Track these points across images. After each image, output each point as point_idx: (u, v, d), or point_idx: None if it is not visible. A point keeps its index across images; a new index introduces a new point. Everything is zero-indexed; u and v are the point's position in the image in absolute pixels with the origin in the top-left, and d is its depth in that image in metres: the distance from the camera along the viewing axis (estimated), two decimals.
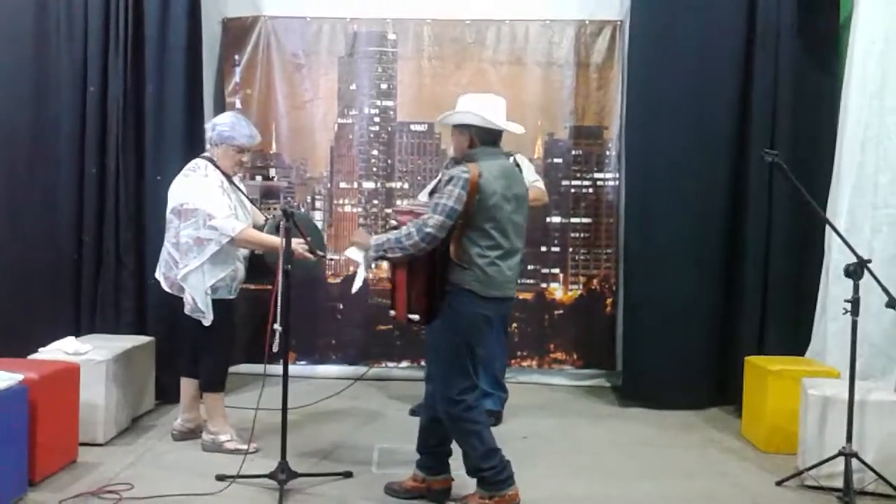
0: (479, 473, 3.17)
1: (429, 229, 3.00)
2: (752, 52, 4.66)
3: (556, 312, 5.36)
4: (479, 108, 3.17)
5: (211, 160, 3.83)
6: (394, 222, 3.36)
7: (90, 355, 3.91)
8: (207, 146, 3.88)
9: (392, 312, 3.23)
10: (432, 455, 3.34)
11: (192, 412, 4.03)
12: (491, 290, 3.11)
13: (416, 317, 3.11)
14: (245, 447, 3.61)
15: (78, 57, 4.56)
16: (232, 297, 3.87)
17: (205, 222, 3.67)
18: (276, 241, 3.48)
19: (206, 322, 3.75)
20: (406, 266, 3.10)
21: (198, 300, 3.73)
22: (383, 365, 5.36)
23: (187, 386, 3.99)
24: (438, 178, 4.27)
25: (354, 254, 3.26)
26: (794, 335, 4.52)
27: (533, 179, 4.42)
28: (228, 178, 3.86)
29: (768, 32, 4.62)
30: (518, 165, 4.20)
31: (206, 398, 3.92)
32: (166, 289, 3.86)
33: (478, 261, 3.07)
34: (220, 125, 3.84)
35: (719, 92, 4.69)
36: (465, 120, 3.16)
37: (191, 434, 4.01)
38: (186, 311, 3.77)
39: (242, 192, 3.96)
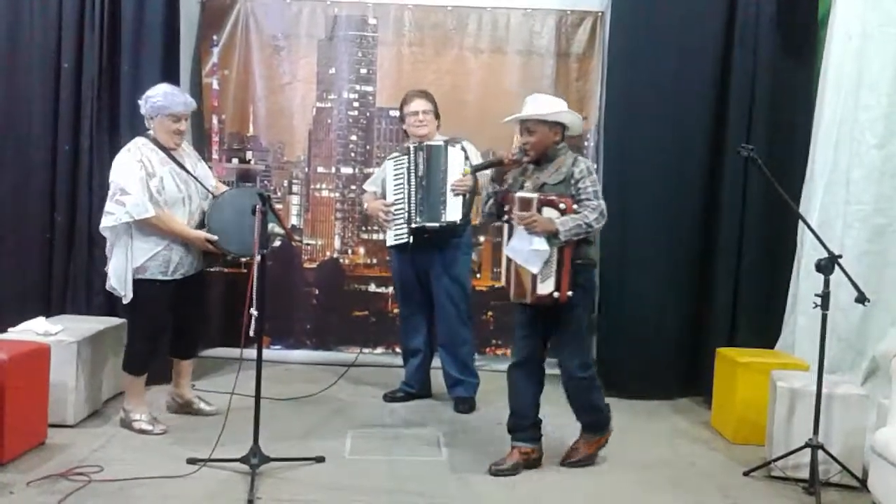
0: (597, 422, 3.66)
1: (603, 208, 3.38)
2: (730, 45, 4.68)
3: None
4: (565, 107, 3.56)
5: (148, 136, 3.82)
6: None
7: (61, 336, 3.87)
8: (146, 123, 3.85)
9: (556, 294, 3.34)
10: (536, 426, 3.65)
11: (178, 388, 4.10)
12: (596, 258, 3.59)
13: (571, 293, 3.37)
14: (152, 429, 3.80)
15: (52, 33, 4.49)
16: (167, 278, 3.80)
17: (113, 196, 3.69)
18: (185, 231, 3.66)
19: (125, 300, 3.76)
20: (571, 245, 3.33)
21: (113, 276, 3.76)
22: (359, 351, 5.35)
23: (173, 363, 4.07)
24: (403, 165, 4.29)
25: (540, 244, 3.30)
26: (765, 328, 4.57)
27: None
28: (166, 151, 3.82)
29: (747, 27, 4.64)
30: (465, 151, 4.24)
31: (123, 377, 3.93)
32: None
33: (595, 235, 3.49)
34: (153, 97, 3.81)
35: (698, 85, 4.71)
36: (565, 119, 3.50)
37: (180, 408, 4.09)
38: (107, 286, 3.81)
39: (183, 167, 3.85)
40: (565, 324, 3.51)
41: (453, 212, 4.21)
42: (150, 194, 3.71)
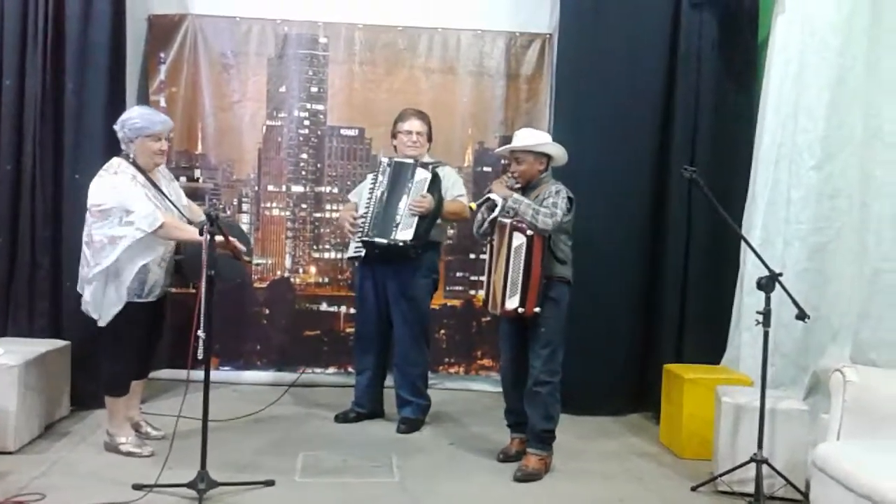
0: (549, 434, 3.84)
1: (556, 220, 3.68)
2: (675, 68, 4.80)
3: (483, 319, 5.40)
4: (548, 138, 3.96)
5: (127, 157, 3.75)
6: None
7: (1, 359, 3.78)
8: (123, 146, 3.79)
9: (521, 310, 3.67)
10: (525, 422, 3.90)
11: (127, 409, 3.95)
12: (570, 279, 3.86)
13: (538, 309, 3.69)
14: (140, 451, 3.76)
15: None
16: (142, 300, 3.75)
17: (121, 219, 3.60)
18: (189, 232, 3.56)
19: (101, 322, 3.70)
20: (538, 267, 3.66)
21: (91, 300, 3.70)
22: (310, 371, 5.31)
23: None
24: (375, 178, 4.29)
25: (495, 196, 3.81)
26: (710, 344, 4.65)
27: (458, 194, 4.46)
28: (145, 173, 3.76)
29: (690, 52, 4.76)
30: (436, 176, 4.25)
31: (106, 401, 3.86)
32: (78, 289, 3.78)
33: (569, 255, 3.82)
34: (130, 120, 3.76)
35: (643, 108, 4.81)
36: (550, 151, 3.87)
37: (135, 427, 4.01)
38: (83, 308, 3.73)
39: (160, 190, 3.81)
40: (536, 334, 3.79)
41: (405, 231, 4.20)
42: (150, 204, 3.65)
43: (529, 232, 3.65)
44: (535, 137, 3.89)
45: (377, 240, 4.21)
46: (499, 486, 3.69)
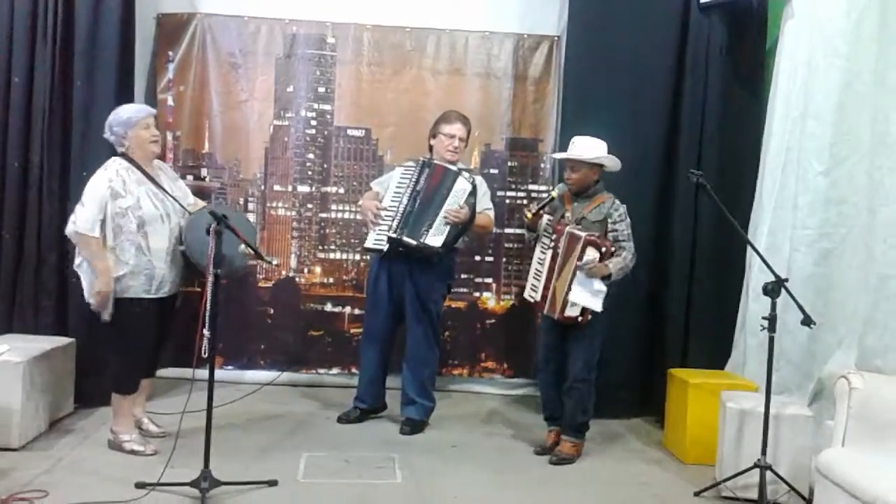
0: (585, 424, 4.10)
1: (635, 253, 3.99)
2: (682, 72, 4.80)
3: (487, 322, 5.40)
4: (602, 149, 4.02)
5: (125, 156, 3.79)
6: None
7: (6, 356, 3.78)
8: (119, 149, 3.82)
9: (580, 318, 3.92)
10: (560, 416, 4.14)
11: (134, 407, 4.00)
12: None
13: (591, 316, 3.91)
14: (143, 449, 3.77)
15: (2, 46, 4.39)
16: (151, 296, 3.77)
17: (78, 204, 3.71)
18: (103, 266, 3.64)
19: (104, 316, 3.73)
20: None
21: (88, 293, 3.75)
22: (314, 371, 5.31)
23: None
24: (410, 175, 4.30)
25: (600, 286, 3.91)
26: (716, 349, 4.65)
27: (486, 207, 4.45)
28: (143, 170, 3.79)
29: (698, 55, 4.76)
30: (474, 188, 4.25)
31: (113, 399, 3.87)
32: None
33: None
34: (115, 118, 3.81)
35: (650, 112, 4.81)
36: (605, 163, 4.03)
37: (137, 424, 4.03)
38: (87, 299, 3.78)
39: (160, 186, 3.84)
40: (580, 334, 4.01)
41: (435, 237, 4.18)
42: (112, 216, 3.68)
43: (603, 249, 3.85)
44: (591, 148, 4.00)
45: (406, 239, 4.18)
46: (500, 489, 3.69)
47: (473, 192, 4.26)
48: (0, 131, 4.40)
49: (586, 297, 3.87)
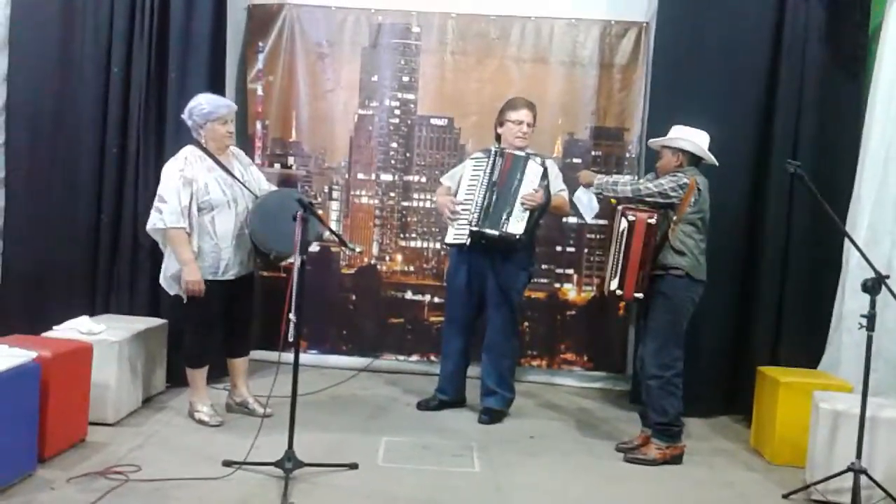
0: (667, 427, 3.87)
1: (641, 191, 3.82)
2: (778, 60, 4.61)
3: (568, 313, 5.34)
4: (698, 139, 3.91)
5: (198, 144, 3.94)
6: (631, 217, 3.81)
7: (104, 335, 3.95)
8: (194, 134, 3.96)
9: (619, 292, 3.80)
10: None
11: (233, 387, 4.23)
12: (700, 274, 3.85)
13: (640, 295, 3.78)
14: (209, 420, 4.00)
15: (103, 40, 4.59)
16: (218, 278, 3.93)
17: (157, 201, 3.87)
18: (187, 258, 3.82)
19: (171, 291, 3.97)
20: (637, 251, 3.72)
21: (164, 274, 3.98)
22: (394, 358, 5.36)
23: (228, 363, 4.22)
24: (481, 166, 4.30)
25: (583, 193, 4.08)
26: (808, 347, 4.47)
27: (559, 189, 4.40)
28: (214, 158, 3.93)
29: (795, 41, 4.57)
30: (546, 171, 4.22)
31: (187, 372, 4.09)
32: None
33: (693, 248, 3.79)
34: (198, 106, 3.94)
35: (743, 100, 4.64)
36: (686, 147, 3.89)
37: (236, 408, 4.23)
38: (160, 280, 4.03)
39: (230, 172, 3.97)
40: (646, 327, 3.94)
41: (516, 224, 4.17)
42: (188, 205, 3.83)
43: (631, 217, 3.73)
44: (672, 133, 3.93)
45: (488, 231, 4.19)
46: (580, 481, 3.65)
47: (545, 175, 4.24)
48: (100, 119, 4.61)
49: (582, 200, 4.07)
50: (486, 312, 4.42)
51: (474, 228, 4.21)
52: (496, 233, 4.17)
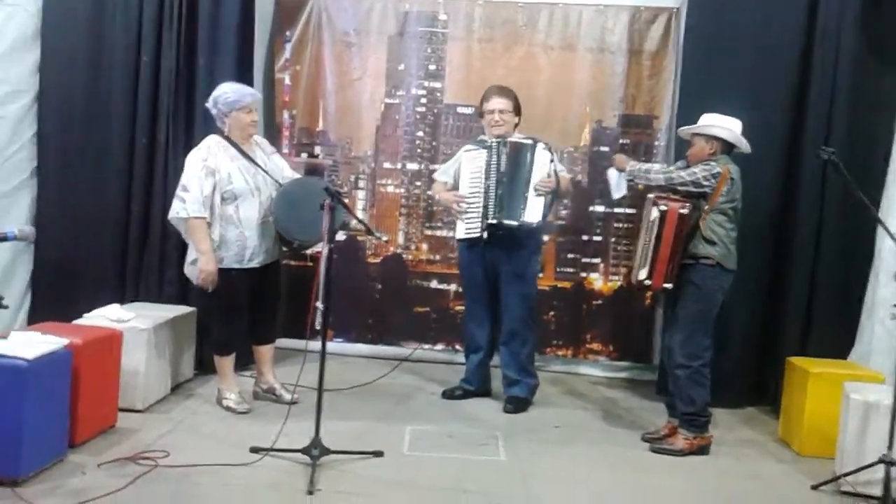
0: (694, 417, 3.83)
1: (673, 179, 3.77)
2: (811, 46, 4.52)
3: (594, 303, 5.31)
4: (731, 125, 3.86)
5: (221, 134, 3.97)
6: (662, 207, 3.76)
7: (133, 323, 4.00)
8: (218, 123, 3.99)
9: (648, 282, 3.77)
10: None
11: (260, 374, 4.29)
12: (730, 264, 3.79)
13: (669, 286, 3.75)
14: (236, 408, 4.04)
15: (132, 29, 4.63)
16: (243, 267, 3.97)
17: (178, 191, 3.90)
18: (206, 247, 3.84)
19: (193, 280, 3.98)
20: (668, 241, 3.68)
21: (187, 262, 4.01)
22: (419, 347, 5.38)
23: (255, 350, 4.26)
24: (486, 158, 4.27)
25: (614, 174, 4.06)
26: (838, 337, 4.41)
27: (562, 170, 4.40)
28: (237, 147, 3.96)
29: (830, 25, 4.47)
30: (552, 153, 4.21)
31: (215, 359, 4.14)
32: None
33: (724, 237, 3.73)
34: (223, 95, 3.97)
35: (775, 86, 4.56)
36: (720, 134, 3.83)
37: (263, 395, 4.28)
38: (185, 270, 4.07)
39: (253, 161, 4.00)
40: (674, 316, 3.88)
41: (533, 212, 4.17)
42: (210, 194, 3.86)
43: (664, 207, 3.69)
44: (703, 120, 3.88)
45: (506, 222, 4.18)
46: (606, 471, 3.64)
47: (553, 159, 4.24)
48: (130, 110, 4.66)
49: (613, 179, 4.05)
50: (502, 301, 4.41)
51: (492, 221, 4.20)
52: (515, 223, 4.17)
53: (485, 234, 4.25)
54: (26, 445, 3.02)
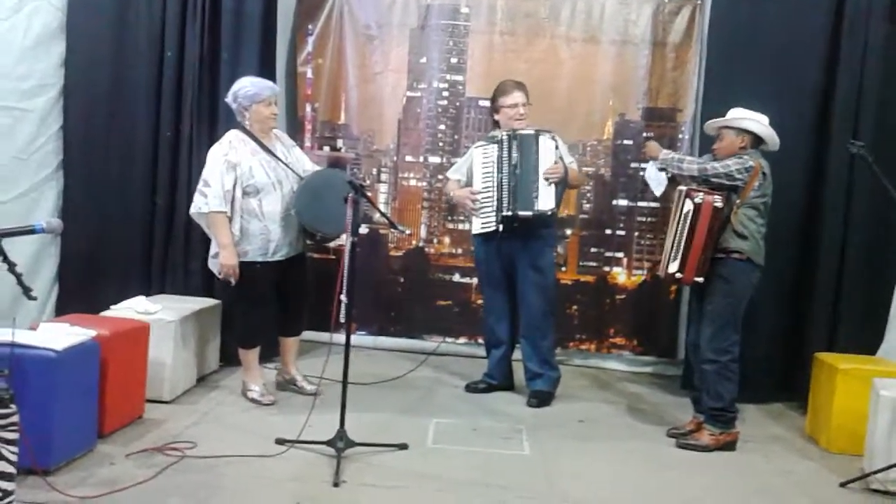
0: (721, 412, 3.81)
1: (707, 170, 3.74)
2: (838, 37, 4.46)
3: (617, 297, 5.29)
4: (761, 119, 3.82)
5: (242, 128, 3.99)
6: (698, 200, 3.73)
7: (160, 315, 4.02)
8: (238, 118, 4.01)
9: (679, 275, 3.76)
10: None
11: (283, 365, 4.33)
12: (760, 259, 3.78)
13: (700, 279, 3.73)
14: (261, 400, 4.06)
15: (156, 23, 4.65)
16: (268, 260, 3.99)
17: (202, 185, 3.91)
18: (225, 241, 3.85)
19: (231, 282, 3.99)
20: (702, 234, 3.66)
21: (211, 256, 4.02)
22: (443, 340, 5.37)
23: (280, 342, 4.29)
24: (496, 153, 4.26)
25: (652, 170, 4.01)
26: (866, 333, 4.36)
27: (569, 161, 4.38)
28: (258, 141, 3.97)
29: (857, 16, 4.41)
30: (556, 141, 4.20)
31: (239, 352, 4.17)
32: None
33: (755, 232, 3.72)
34: (242, 89, 3.99)
35: (802, 80, 4.50)
36: (752, 127, 3.79)
37: (285, 385, 4.30)
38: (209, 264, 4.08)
39: (274, 154, 4.01)
40: (704, 310, 3.83)
41: (546, 200, 4.18)
42: (231, 189, 3.88)
43: (698, 199, 3.66)
44: (732, 114, 3.83)
45: (521, 213, 4.19)
46: (631, 467, 3.62)
47: (558, 146, 4.26)
48: (154, 102, 4.69)
49: (651, 176, 3.99)
50: (520, 294, 4.39)
51: (507, 213, 4.21)
52: (530, 213, 4.18)
53: (500, 227, 4.25)
54: (56, 436, 3.05)
